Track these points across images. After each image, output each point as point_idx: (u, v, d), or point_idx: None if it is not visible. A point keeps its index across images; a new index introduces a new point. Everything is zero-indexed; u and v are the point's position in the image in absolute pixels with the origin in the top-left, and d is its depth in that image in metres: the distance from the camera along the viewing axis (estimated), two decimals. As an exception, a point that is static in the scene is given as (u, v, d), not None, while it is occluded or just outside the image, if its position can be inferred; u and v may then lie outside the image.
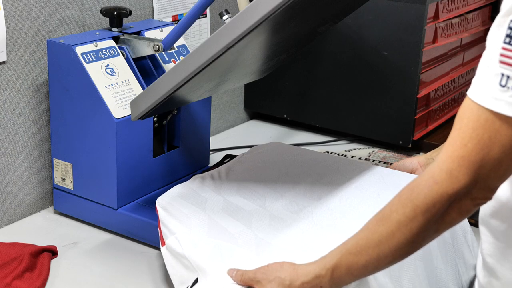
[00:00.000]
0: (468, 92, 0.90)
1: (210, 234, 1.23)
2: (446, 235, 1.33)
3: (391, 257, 0.99)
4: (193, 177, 1.40)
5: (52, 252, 1.36)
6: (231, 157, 1.65)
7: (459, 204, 0.92)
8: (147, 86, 1.37)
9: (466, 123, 0.89)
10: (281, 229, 1.21)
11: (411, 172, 1.50)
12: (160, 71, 1.54)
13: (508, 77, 0.85)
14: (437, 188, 0.91)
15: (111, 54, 1.45)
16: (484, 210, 1.09)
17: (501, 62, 0.85)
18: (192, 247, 1.24)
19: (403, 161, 1.53)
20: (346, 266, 1.02)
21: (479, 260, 1.13)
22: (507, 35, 0.85)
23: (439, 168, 0.91)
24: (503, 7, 0.87)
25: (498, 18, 0.87)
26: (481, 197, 0.92)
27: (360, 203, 1.30)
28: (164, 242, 1.27)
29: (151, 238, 1.40)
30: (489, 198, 0.93)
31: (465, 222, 1.40)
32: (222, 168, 1.44)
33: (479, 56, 2.26)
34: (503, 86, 0.85)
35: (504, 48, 0.85)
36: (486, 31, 2.29)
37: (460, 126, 0.90)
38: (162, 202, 1.30)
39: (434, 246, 1.27)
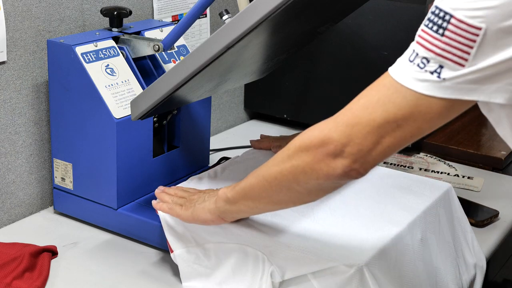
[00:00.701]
0: None
1: (212, 233, 1.24)
2: (446, 234, 1.33)
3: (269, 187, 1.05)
4: (190, 178, 1.40)
5: (52, 252, 1.36)
6: (227, 159, 1.65)
7: (331, 159, 0.94)
8: (147, 86, 1.37)
9: (373, 83, 0.93)
10: (285, 227, 1.21)
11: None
12: (160, 71, 1.54)
13: (417, 54, 0.88)
14: (322, 127, 0.96)
15: (111, 54, 1.46)
16: None
17: (417, 41, 0.89)
18: (198, 249, 1.25)
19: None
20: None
21: None
22: (427, 19, 0.89)
23: (335, 114, 0.96)
24: None
25: None
26: (351, 162, 0.93)
27: (360, 203, 1.31)
28: (171, 246, 1.29)
29: (151, 238, 1.40)
30: (360, 172, 0.94)
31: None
32: (218, 168, 1.44)
33: (479, 56, 2.26)
34: (411, 61, 0.89)
35: (422, 30, 0.89)
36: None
37: (369, 86, 0.94)
38: (162, 202, 1.30)
39: (434, 246, 1.28)
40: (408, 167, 1.79)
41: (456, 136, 1.96)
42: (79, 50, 1.41)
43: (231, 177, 1.40)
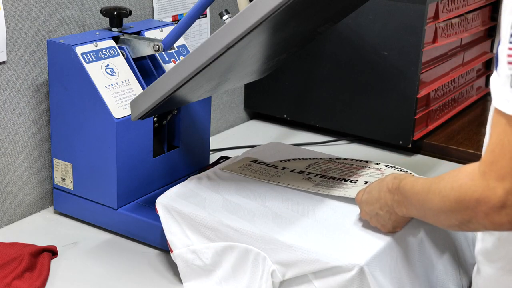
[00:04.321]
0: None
1: (214, 233, 1.24)
2: (446, 234, 1.33)
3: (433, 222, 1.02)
4: (189, 178, 1.40)
5: (52, 252, 1.36)
6: (226, 158, 1.65)
7: (494, 215, 0.87)
8: (147, 86, 1.37)
9: (493, 128, 0.87)
10: (286, 227, 1.21)
11: None
12: (160, 71, 1.54)
13: None
14: (471, 184, 0.88)
15: (111, 54, 1.46)
16: None
17: (509, 63, 0.83)
18: (198, 248, 1.25)
19: None
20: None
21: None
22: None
23: (478, 167, 0.88)
24: (506, 5, 0.84)
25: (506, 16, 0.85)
26: None
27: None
28: (171, 246, 1.28)
29: (151, 238, 1.40)
30: None
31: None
32: (217, 168, 1.44)
33: (479, 56, 2.27)
34: None
35: (510, 49, 0.82)
36: (486, 31, 2.29)
37: (491, 132, 0.88)
38: (162, 202, 1.30)
39: (434, 246, 1.27)
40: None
41: (456, 136, 1.96)
42: (79, 50, 1.41)
43: (231, 177, 1.40)
